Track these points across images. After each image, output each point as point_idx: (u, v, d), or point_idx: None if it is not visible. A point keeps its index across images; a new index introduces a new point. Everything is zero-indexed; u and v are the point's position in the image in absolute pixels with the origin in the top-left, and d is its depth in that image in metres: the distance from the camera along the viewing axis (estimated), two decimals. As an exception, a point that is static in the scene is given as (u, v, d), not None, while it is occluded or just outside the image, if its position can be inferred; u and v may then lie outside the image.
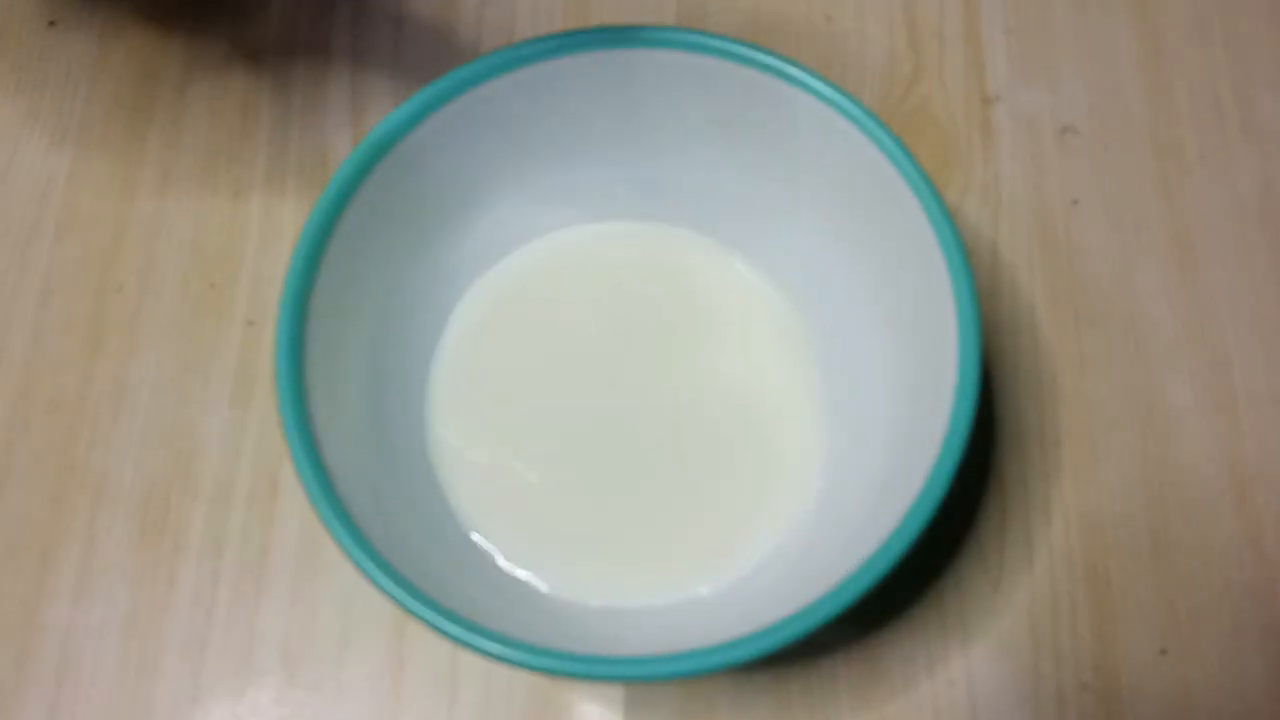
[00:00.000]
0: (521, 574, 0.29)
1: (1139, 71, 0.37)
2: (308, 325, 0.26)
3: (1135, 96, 0.37)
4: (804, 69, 0.28)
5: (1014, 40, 0.38)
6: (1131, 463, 0.32)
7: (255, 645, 0.30)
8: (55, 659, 0.30)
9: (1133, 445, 0.33)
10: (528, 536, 0.30)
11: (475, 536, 0.30)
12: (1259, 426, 0.33)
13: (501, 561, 0.30)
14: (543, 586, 0.29)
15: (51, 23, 0.38)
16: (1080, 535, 0.32)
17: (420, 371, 0.32)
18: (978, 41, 0.38)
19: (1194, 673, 0.30)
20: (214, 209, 0.35)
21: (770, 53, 0.28)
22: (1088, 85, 0.37)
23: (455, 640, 0.24)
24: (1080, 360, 0.33)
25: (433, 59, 0.37)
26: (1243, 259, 0.35)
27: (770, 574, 0.28)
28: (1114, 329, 0.34)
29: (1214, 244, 0.35)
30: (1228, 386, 0.33)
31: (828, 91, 0.27)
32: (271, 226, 0.35)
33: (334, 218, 0.27)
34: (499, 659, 0.23)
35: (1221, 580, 0.31)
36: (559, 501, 0.30)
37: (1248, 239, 0.35)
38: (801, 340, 0.32)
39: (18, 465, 0.32)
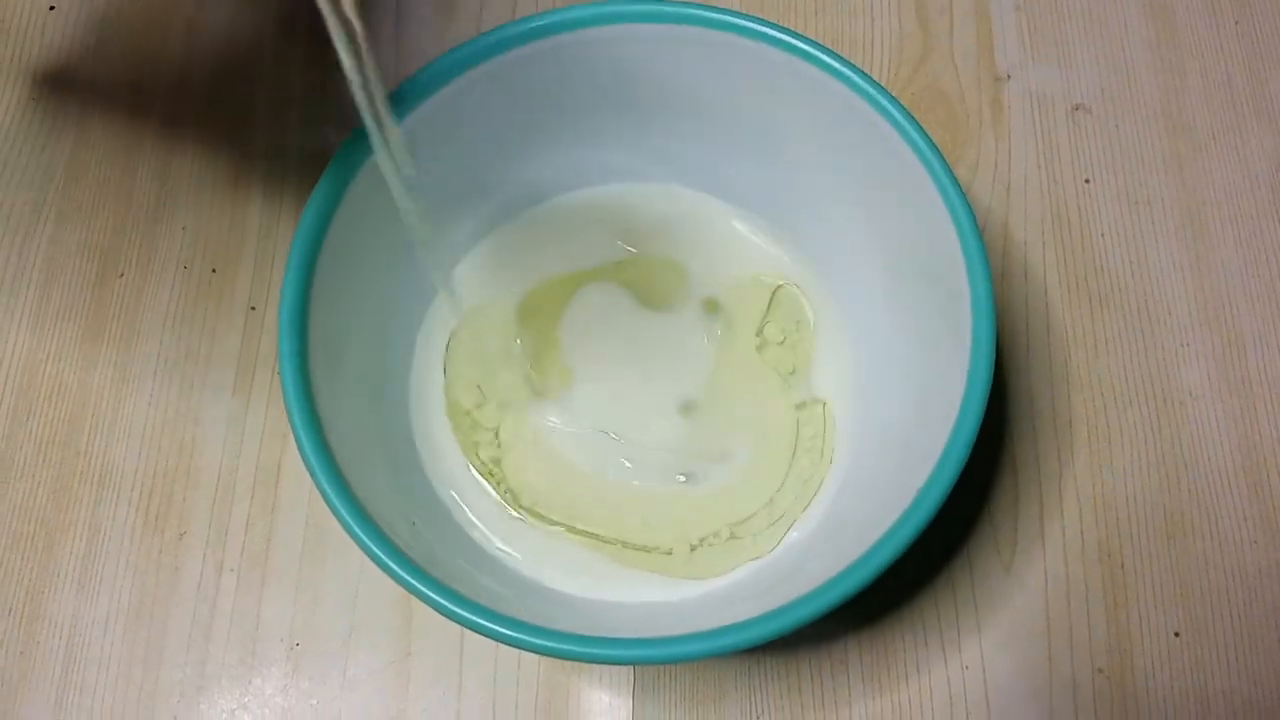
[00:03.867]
0: (528, 567, 0.29)
1: (1150, 49, 0.37)
2: (311, 307, 0.26)
3: (1146, 74, 0.36)
4: (814, 44, 0.27)
5: (1024, 17, 0.37)
6: (1145, 444, 0.32)
7: (261, 634, 0.30)
8: (61, 649, 0.30)
9: (1146, 427, 0.32)
10: (531, 525, 0.30)
11: (481, 525, 0.29)
12: (1273, 408, 0.32)
13: (507, 549, 0.29)
14: (547, 579, 0.29)
15: (52, 7, 0.37)
16: (1093, 518, 0.31)
17: (424, 355, 0.31)
18: (987, 19, 0.37)
19: (1207, 655, 0.30)
20: (215, 193, 0.35)
21: (781, 27, 0.27)
22: (1099, 63, 0.37)
23: (463, 622, 0.23)
24: (1093, 340, 0.33)
25: (434, 40, 0.37)
26: (1256, 238, 0.34)
27: (785, 560, 0.28)
28: (1127, 309, 0.34)
29: (1227, 223, 0.35)
30: (1241, 368, 0.33)
31: (839, 66, 0.27)
32: (272, 210, 0.35)
33: (336, 199, 0.27)
34: (507, 641, 0.23)
35: (1235, 562, 0.31)
36: (562, 491, 0.30)
37: (1261, 218, 0.35)
38: (815, 316, 0.32)
39: (21, 455, 0.32)
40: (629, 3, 0.28)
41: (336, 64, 0.36)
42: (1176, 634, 0.30)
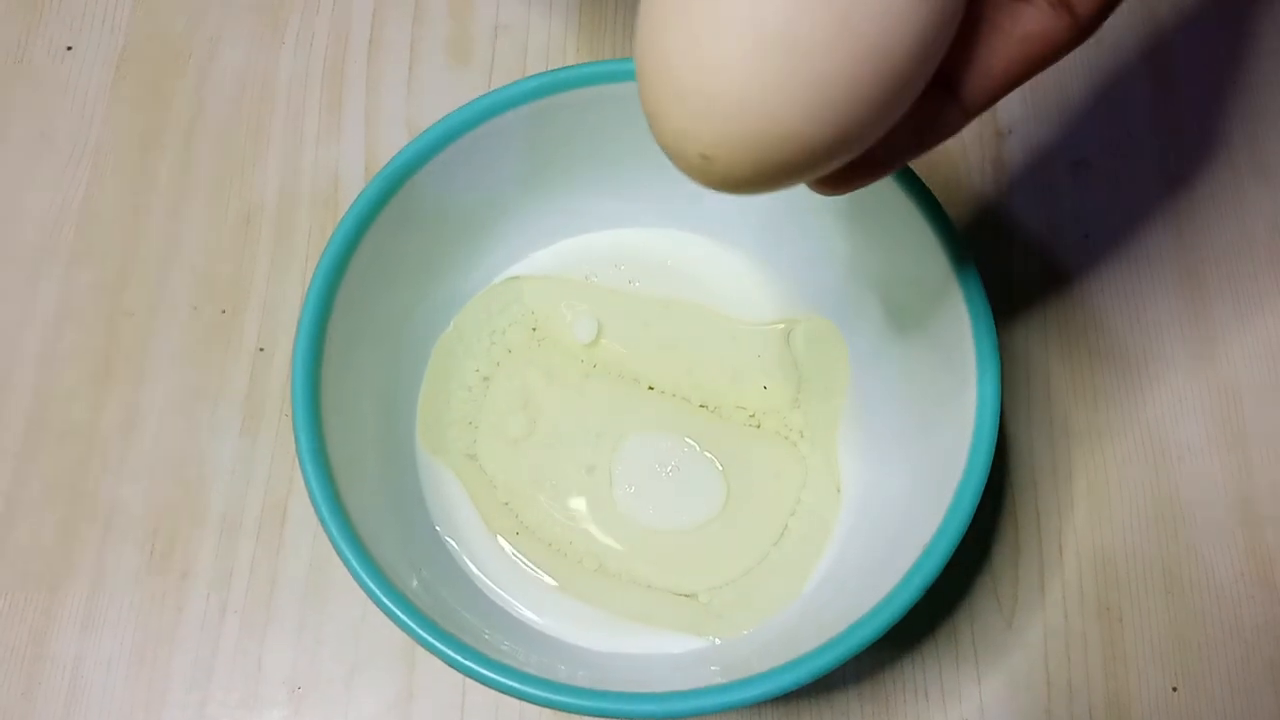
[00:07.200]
0: (533, 617, 0.29)
1: (1149, 107, 0.37)
2: (324, 354, 0.26)
3: (1145, 132, 0.37)
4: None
5: (1025, 74, 0.38)
6: (1143, 498, 0.32)
7: (262, 676, 0.30)
8: (64, 689, 0.30)
9: (1144, 480, 0.33)
10: (540, 580, 0.30)
11: (486, 577, 0.30)
12: (1269, 464, 0.33)
13: (516, 604, 0.29)
14: (551, 629, 0.29)
15: (69, 47, 0.38)
16: (1092, 572, 0.31)
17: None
18: (989, 76, 0.38)
19: (1205, 709, 0.30)
20: (225, 235, 0.35)
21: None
22: (1099, 120, 0.37)
23: (463, 670, 0.23)
24: (1092, 394, 0.33)
25: (446, 87, 0.37)
26: (1252, 294, 0.35)
27: (792, 615, 0.28)
28: (1126, 364, 0.34)
29: (1224, 279, 0.35)
30: (1238, 424, 0.33)
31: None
32: (282, 253, 0.35)
33: (350, 249, 0.27)
34: (507, 691, 0.23)
35: (1232, 618, 0.31)
36: (570, 541, 0.30)
37: (1257, 275, 0.35)
38: (819, 371, 0.32)
39: (27, 494, 0.32)
40: (626, 62, 0.28)
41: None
42: (1174, 689, 0.30)
